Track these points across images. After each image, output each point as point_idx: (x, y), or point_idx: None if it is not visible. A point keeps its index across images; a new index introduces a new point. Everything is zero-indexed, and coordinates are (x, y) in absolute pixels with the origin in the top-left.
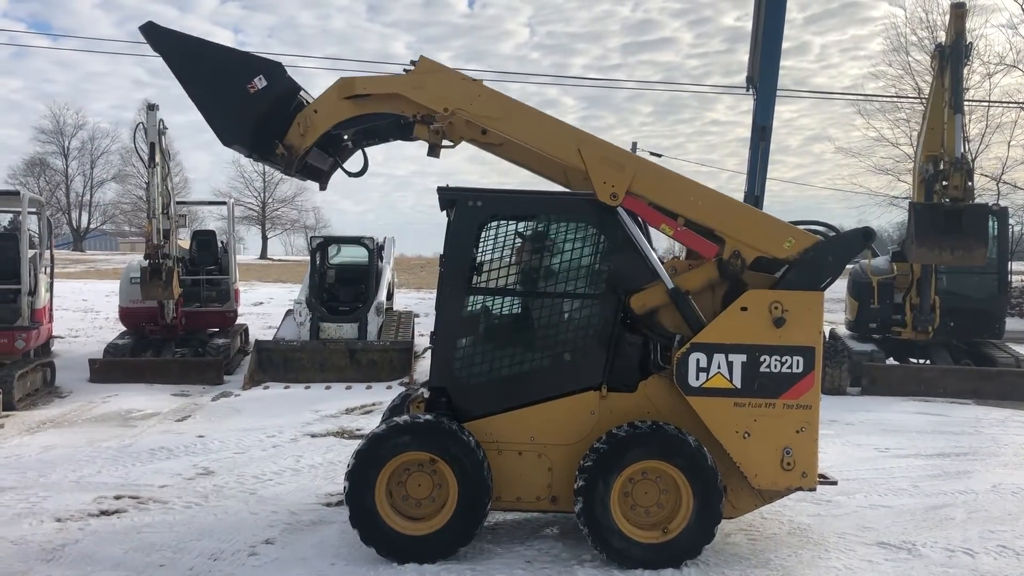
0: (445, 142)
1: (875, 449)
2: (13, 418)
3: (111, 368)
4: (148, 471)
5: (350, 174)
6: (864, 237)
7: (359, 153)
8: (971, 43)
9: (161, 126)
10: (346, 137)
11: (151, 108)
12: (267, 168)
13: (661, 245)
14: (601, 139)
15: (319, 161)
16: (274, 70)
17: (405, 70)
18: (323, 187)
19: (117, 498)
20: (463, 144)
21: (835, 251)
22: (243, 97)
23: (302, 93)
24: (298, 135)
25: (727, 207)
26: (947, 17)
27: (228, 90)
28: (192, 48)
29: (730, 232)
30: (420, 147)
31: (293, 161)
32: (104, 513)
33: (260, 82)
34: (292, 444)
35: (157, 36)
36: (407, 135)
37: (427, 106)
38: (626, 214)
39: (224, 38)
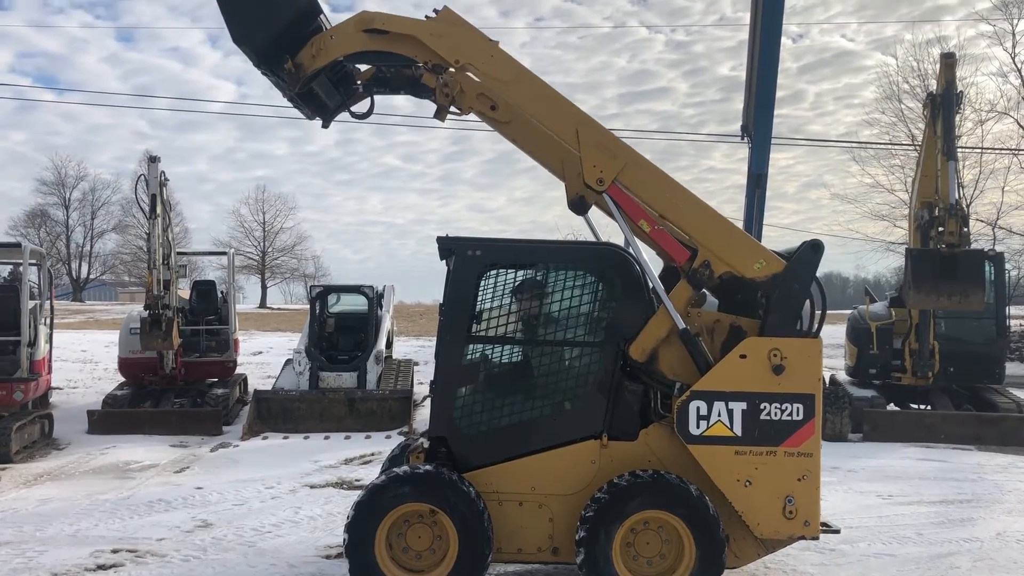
0: (453, 108)
1: (878, 496)
2: (10, 471)
3: (109, 419)
4: (146, 524)
5: (355, 115)
6: (813, 250)
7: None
8: (962, 91)
9: (162, 177)
10: (359, 82)
11: (152, 160)
12: (267, 217)
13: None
14: (602, 126)
15: (328, 97)
16: None
17: (427, 17)
18: (326, 125)
19: (114, 552)
20: (463, 191)
21: (796, 277)
22: (265, 2)
23: (323, 18)
24: (310, 55)
25: (707, 217)
26: (938, 66)
27: None
28: None
29: (704, 241)
30: (421, 195)
31: (299, 80)
32: (101, 568)
33: None
34: (291, 495)
35: None
36: (418, 90)
37: (441, 55)
38: (640, 263)
39: (227, 91)
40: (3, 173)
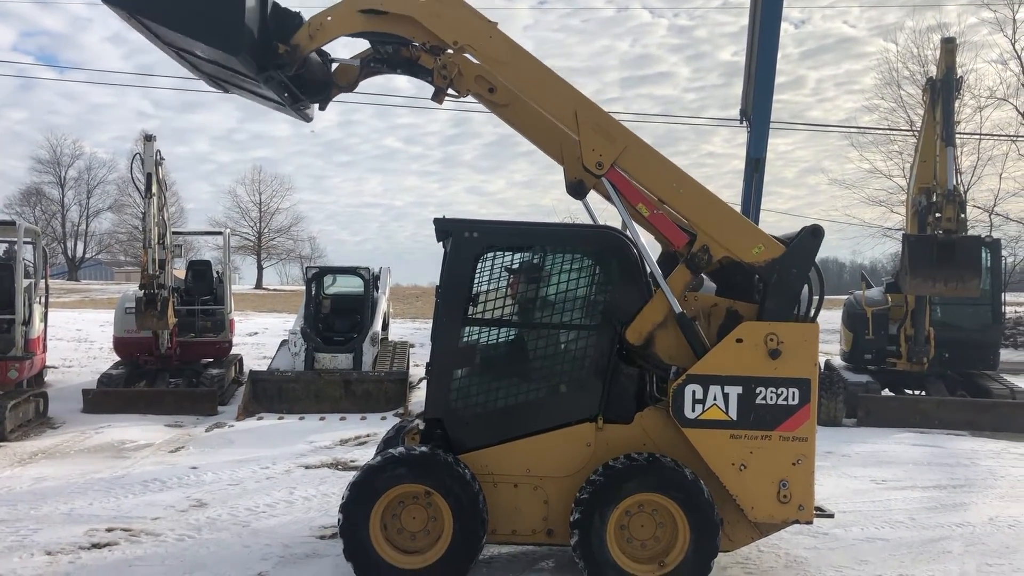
0: (451, 91)
1: (871, 481)
2: (5, 449)
3: (104, 398)
4: (141, 503)
5: (340, 87)
6: (813, 236)
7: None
8: (961, 77)
9: (158, 156)
10: (356, 57)
11: (148, 139)
12: (263, 198)
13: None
14: (600, 108)
15: (321, 74)
16: None
17: None
18: (323, 107)
19: (109, 531)
20: (463, 174)
21: (795, 262)
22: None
23: None
24: (306, 36)
25: (706, 201)
26: (938, 52)
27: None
28: None
29: (703, 226)
30: (420, 177)
31: (296, 60)
32: (95, 546)
33: None
34: (286, 476)
35: None
36: (415, 71)
37: (439, 36)
38: (638, 247)
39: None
40: (2, 152)
